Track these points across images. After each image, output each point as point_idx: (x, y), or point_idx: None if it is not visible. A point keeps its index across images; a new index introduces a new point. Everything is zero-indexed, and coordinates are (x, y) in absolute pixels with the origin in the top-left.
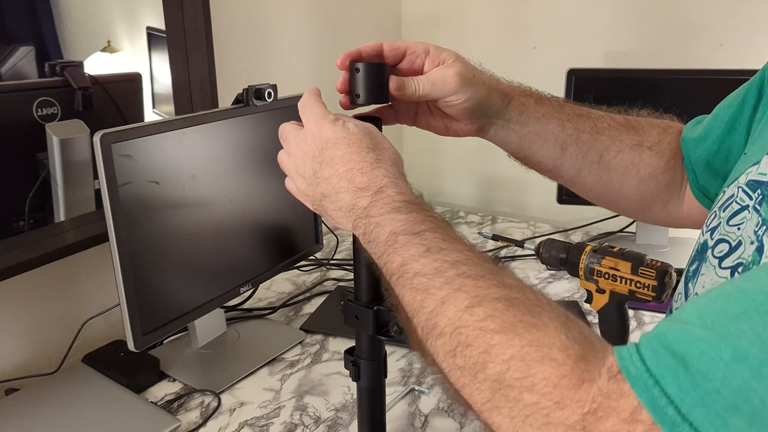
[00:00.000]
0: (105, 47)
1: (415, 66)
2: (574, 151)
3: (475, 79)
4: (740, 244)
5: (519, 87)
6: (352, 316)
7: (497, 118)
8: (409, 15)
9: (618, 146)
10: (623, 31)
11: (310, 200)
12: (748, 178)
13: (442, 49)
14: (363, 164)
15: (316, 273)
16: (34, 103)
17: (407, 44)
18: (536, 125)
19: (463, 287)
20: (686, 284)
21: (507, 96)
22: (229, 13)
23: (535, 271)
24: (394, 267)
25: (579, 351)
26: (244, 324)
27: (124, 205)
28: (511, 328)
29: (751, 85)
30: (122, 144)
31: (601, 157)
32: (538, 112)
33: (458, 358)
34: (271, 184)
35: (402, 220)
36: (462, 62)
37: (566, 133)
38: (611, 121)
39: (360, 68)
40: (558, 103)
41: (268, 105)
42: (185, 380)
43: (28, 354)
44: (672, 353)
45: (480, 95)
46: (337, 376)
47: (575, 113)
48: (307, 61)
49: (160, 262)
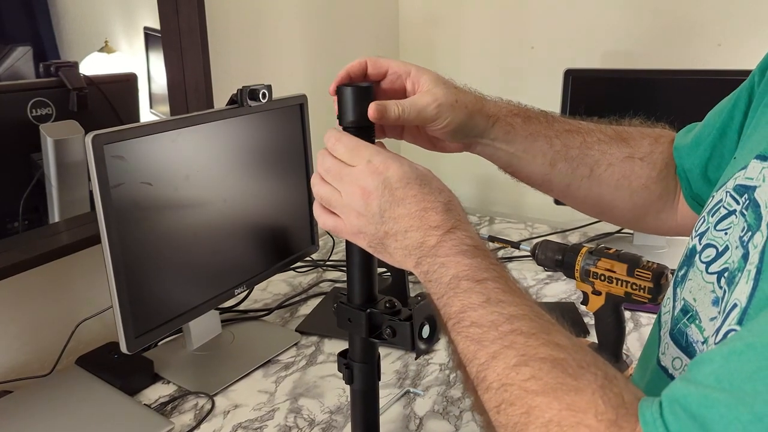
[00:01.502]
0: (102, 47)
1: (396, 86)
2: (564, 167)
3: (457, 105)
4: (727, 249)
5: (507, 106)
6: (345, 318)
7: (482, 138)
8: (406, 15)
9: (609, 159)
10: (621, 31)
11: (367, 238)
12: (736, 182)
13: (424, 71)
14: (437, 204)
15: (313, 274)
16: (29, 104)
17: (389, 63)
18: (523, 143)
19: (514, 344)
20: (675, 289)
21: (492, 117)
22: (224, 13)
23: (532, 272)
24: (453, 312)
25: (612, 417)
26: (239, 326)
27: (117, 207)
28: (552, 391)
29: (741, 91)
30: (114, 145)
31: (591, 171)
32: (525, 131)
33: (502, 415)
34: (265, 185)
35: (467, 264)
36: (443, 87)
37: (554, 149)
38: (601, 134)
39: (347, 91)
40: (547, 120)
41: (263, 105)
42: (179, 382)
43: (21, 356)
44: (693, 418)
45: (460, 119)
46: (332, 378)
47: (564, 129)
48: (303, 62)
49: (154, 263)
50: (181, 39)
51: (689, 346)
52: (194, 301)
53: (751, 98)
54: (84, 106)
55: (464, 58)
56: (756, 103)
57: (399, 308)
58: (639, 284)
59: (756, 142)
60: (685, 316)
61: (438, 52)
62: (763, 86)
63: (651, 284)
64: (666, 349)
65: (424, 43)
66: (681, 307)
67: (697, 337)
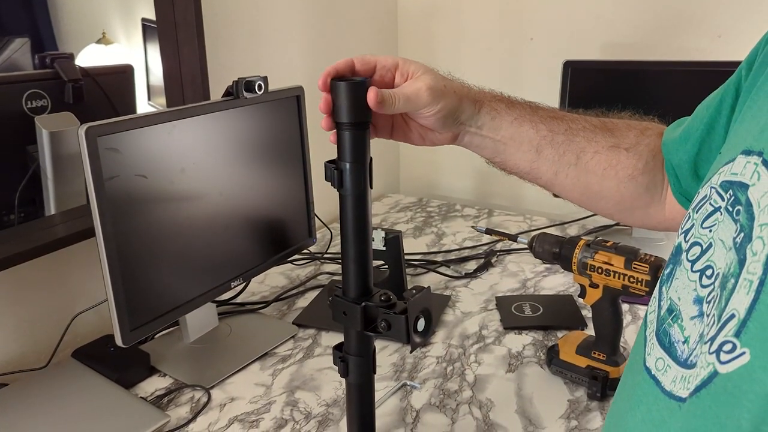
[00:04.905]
0: (100, 39)
1: (386, 80)
2: (550, 153)
3: (446, 89)
4: (711, 247)
5: (490, 92)
6: (340, 311)
7: (470, 125)
8: (405, 7)
9: (594, 147)
10: (620, 23)
11: None
12: (721, 178)
13: (411, 61)
14: None
15: (310, 267)
16: (24, 96)
17: (377, 59)
18: (509, 129)
19: None
20: (661, 288)
21: (478, 102)
22: (221, 4)
23: (530, 264)
24: None
25: None
26: (236, 318)
27: (111, 200)
28: None
29: (729, 85)
30: (108, 137)
31: (578, 158)
32: (510, 115)
33: None
34: (262, 178)
35: None
36: (431, 74)
37: (540, 135)
38: (586, 123)
39: (343, 86)
40: (530, 107)
41: (259, 97)
42: (176, 375)
43: (17, 348)
44: None
45: (451, 104)
46: (329, 371)
47: (548, 116)
48: (300, 54)
49: (149, 256)
50: (177, 31)
51: (671, 346)
52: (190, 293)
53: (738, 92)
54: (80, 97)
55: (463, 49)
56: (743, 98)
57: (394, 301)
58: (636, 277)
59: (742, 137)
60: (670, 316)
61: (437, 43)
62: (750, 80)
63: (648, 277)
64: (651, 350)
65: (422, 35)
66: (667, 306)
67: (678, 336)
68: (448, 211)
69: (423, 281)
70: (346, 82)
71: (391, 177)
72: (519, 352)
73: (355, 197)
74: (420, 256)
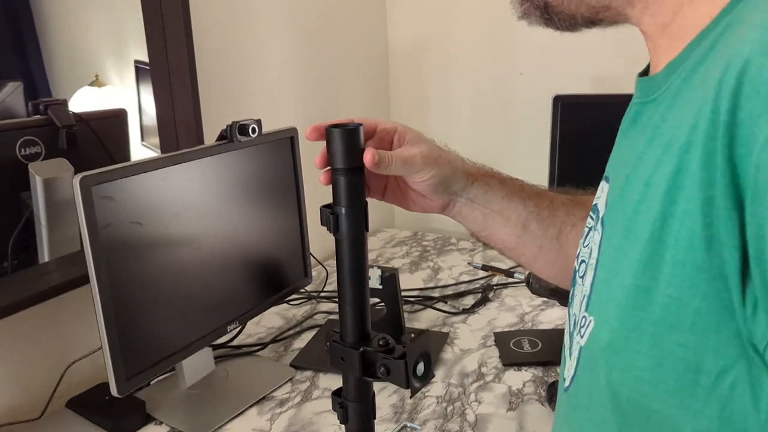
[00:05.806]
0: (93, 81)
1: (384, 143)
2: (535, 228)
3: (440, 159)
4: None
5: (483, 168)
6: (338, 357)
7: (462, 195)
8: (396, 43)
9: (572, 221)
10: (611, 56)
11: None
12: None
13: (409, 128)
14: None
15: (306, 306)
16: (18, 143)
17: (377, 121)
18: (500, 204)
19: None
20: (568, 310)
21: (472, 176)
22: (213, 49)
23: (527, 298)
24: None
25: None
26: (232, 362)
27: (105, 248)
28: None
29: None
30: (103, 186)
31: (559, 232)
32: (501, 191)
33: None
34: (257, 219)
35: None
36: (427, 143)
37: (528, 210)
38: (564, 198)
39: (338, 132)
40: (519, 184)
41: (253, 140)
42: (172, 423)
43: (11, 399)
44: None
45: (444, 173)
46: (328, 414)
47: (534, 192)
48: (293, 95)
49: (144, 303)
50: (170, 77)
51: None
52: (186, 339)
53: None
54: (73, 143)
55: (453, 84)
56: None
57: (393, 346)
58: None
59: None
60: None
61: (428, 80)
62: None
63: None
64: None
65: (413, 72)
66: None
67: None
68: (444, 245)
69: (421, 318)
70: (341, 129)
71: (386, 211)
72: (519, 390)
73: (352, 241)
74: (417, 292)
